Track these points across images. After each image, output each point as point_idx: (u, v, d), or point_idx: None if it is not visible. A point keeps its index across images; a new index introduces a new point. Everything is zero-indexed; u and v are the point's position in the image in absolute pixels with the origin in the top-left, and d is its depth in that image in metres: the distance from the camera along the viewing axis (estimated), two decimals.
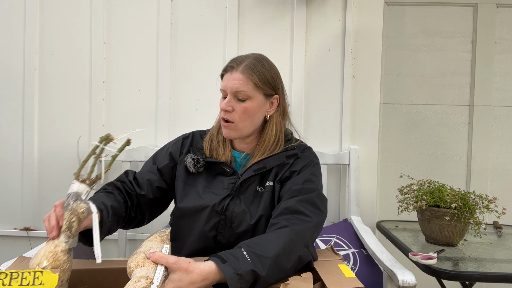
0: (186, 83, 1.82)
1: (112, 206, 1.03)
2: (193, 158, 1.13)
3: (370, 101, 1.80)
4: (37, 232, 1.82)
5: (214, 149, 1.15)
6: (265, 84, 1.09)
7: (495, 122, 2.00)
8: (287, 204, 1.01)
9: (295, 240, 0.93)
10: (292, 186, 1.06)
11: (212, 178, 1.13)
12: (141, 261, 0.82)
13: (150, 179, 1.15)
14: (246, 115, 1.09)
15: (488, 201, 1.36)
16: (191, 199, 1.11)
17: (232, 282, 0.81)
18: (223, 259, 0.84)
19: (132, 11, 1.81)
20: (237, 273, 0.82)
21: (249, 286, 0.84)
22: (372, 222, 1.79)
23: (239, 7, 1.79)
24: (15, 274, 0.73)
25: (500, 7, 1.98)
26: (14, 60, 1.82)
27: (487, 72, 1.98)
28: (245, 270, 0.83)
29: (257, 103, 1.09)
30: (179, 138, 1.24)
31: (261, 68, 1.09)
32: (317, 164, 1.16)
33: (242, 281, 0.82)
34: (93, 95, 1.81)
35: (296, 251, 0.93)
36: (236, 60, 1.11)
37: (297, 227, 0.96)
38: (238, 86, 1.07)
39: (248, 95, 1.07)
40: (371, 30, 1.80)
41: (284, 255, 0.90)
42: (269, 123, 1.14)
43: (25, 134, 1.82)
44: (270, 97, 1.12)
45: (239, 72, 1.07)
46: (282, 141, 1.15)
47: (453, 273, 1.16)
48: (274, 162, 1.10)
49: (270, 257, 0.87)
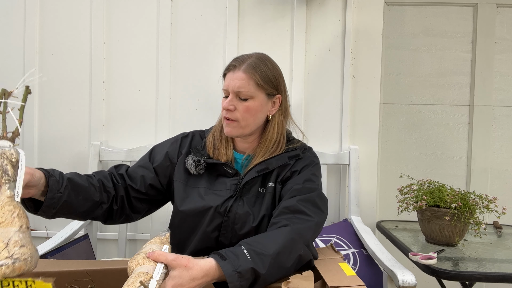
0: (186, 83, 1.82)
1: (72, 179, 0.99)
2: (194, 159, 1.12)
3: (370, 101, 1.80)
4: (37, 232, 1.82)
5: (217, 147, 1.14)
6: (267, 83, 1.09)
7: (495, 122, 2.00)
8: (288, 203, 1.01)
9: (296, 239, 0.93)
10: (293, 186, 1.06)
11: (214, 179, 1.13)
12: (141, 260, 0.82)
13: (144, 175, 1.14)
14: (248, 114, 1.08)
15: (488, 201, 1.36)
16: (192, 201, 1.10)
17: (231, 279, 0.81)
18: (223, 257, 0.84)
19: (132, 11, 1.81)
20: (236, 271, 0.82)
21: (249, 284, 0.84)
22: (372, 222, 1.79)
23: (239, 7, 1.79)
24: (5, 282, 0.71)
25: (500, 7, 1.98)
26: (14, 60, 1.82)
27: (487, 72, 1.98)
28: (245, 268, 0.83)
29: (259, 102, 1.09)
30: (178, 137, 1.22)
31: (263, 67, 1.09)
32: (318, 164, 1.16)
33: (241, 279, 0.82)
34: (93, 95, 1.81)
35: (297, 249, 0.93)
36: (239, 59, 1.11)
37: (298, 226, 0.96)
38: (240, 85, 1.07)
39: (250, 95, 1.07)
40: (371, 30, 1.80)
41: (284, 253, 0.90)
42: (271, 123, 1.14)
43: (25, 133, 1.82)
44: (272, 96, 1.13)
45: (241, 71, 1.07)
46: (284, 141, 1.15)
47: (453, 273, 1.16)
48: (277, 163, 1.10)
49: (270, 255, 0.87)
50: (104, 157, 1.75)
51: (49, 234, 1.77)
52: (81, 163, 1.80)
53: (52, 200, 0.93)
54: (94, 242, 1.70)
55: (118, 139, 1.82)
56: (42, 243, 1.35)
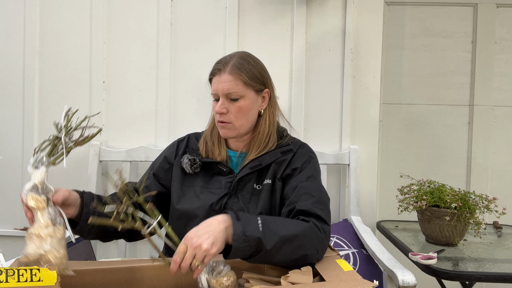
0: (186, 83, 1.82)
1: (100, 197, 1.04)
2: (190, 158, 1.15)
3: (370, 101, 1.80)
4: None
5: (210, 150, 1.16)
6: (254, 80, 1.11)
7: (495, 122, 2.00)
8: (304, 206, 1.00)
9: (310, 236, 0.93)
10: (298, 184, 1.07)
11: (209, 178, 1.14)
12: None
13: (147, 185, 1.17)
14: (241, 114, 1.10)
15: (488, 201, 1.36)
16: (188, 200, 1.12)
17: (236, 238, 0.83)
18: (237, 216, 0.87)
19: (132, 11, 1.81)
20: (244, 234, 0.84)
21: (250, 252, 0.86)
22: (372, 222, 1.79)
23: (239, 7, 1.79)
24: (10, 271, 0.73)
25: (500, 7, 1.98)
26: (14, 60, 1.82)
27: (487, 72, 1.98)
28: (253, 235, 0.85)
29: (250, 100, 1.11)
30: (175, 142, 1.25)
31: (247, 66, 1.11)
32: (315, 158, 1.17)
33: (246, 243, 0.84)
34: (93, 95, 1.81)
35: (306, 247, 0.92)
36: (222, 62, 1.12)
37: (316, 231, 0.95)
38: (229, 87, 1.08)
39: (240, 94, 1.09)
40: (371, 30, 1.80)
41: (292, 243, 0.89)
42: (262, 117, 1.16)
43: (25, 134, 1.82)
44: (260, 92, 1.15)
45: (227, 73, 1.09)
46: (275, 130, 1.16)
47: (453, 273, 1.16)
48: (270, 158, 1.12)
49: (280, 236, 0.88)
50: (104, 157, 1.75)
51: None
52: (81, 163, 1.80)
53: (87, 215, 0.96)
54: (94, 242, 1.70)
55: (118, 139, 1.82)
56: None
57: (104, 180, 1.81)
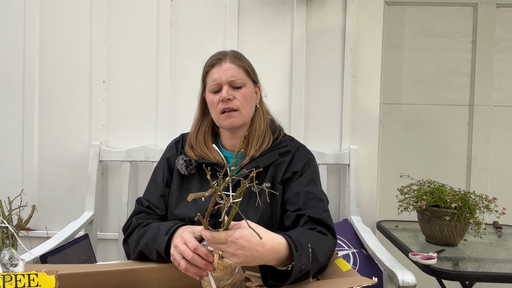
0: (186, 83, 1.81)
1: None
2: (185, 159, 1.13)
3: (370, 101, 1.80)
4: (37, 232, 1.82)
5: (199, 154, 1.14)
6: (252, 71, 1.16)
7: (495, 122, 2.00)
8: (315, 215, 1.01)
9: (331, 255, 0.97)
10: (301, 189, 1.06)
11: (206, 179, 1.12)
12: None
13: (163, 195, 1.15)
14: (246, 101, 1.11)
15: (488, 201, 1.36)
16: (185, 205, 1.10)
17: (294, 271, 0.81)
18: (295, 246, 0.83)
19: (132, 11, 1.81)
20: (300, 268, 0.82)
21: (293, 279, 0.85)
22: (372, 222, 1.79)
23: (239, 7, 1.79)
24: (7, 277, 0.72)
25: (500, 7, 1.98)
26: (14, 60, 1.82)
27: (487, 72, 1.98)
28: (306, 268, 0.84)
29: (251, 89, 1.14)
30: (171, 144, 1.24)
31: (244, 58, 1.16)
32: (314, 161, 1.18)
33: (299, 275, 0.83)
34: (93, 95, 1.81)
35: (327, 264, 0.97)
36: (220, 54, 1.15)
37: (334, 248, 0.99)
38: (233, 74, 1.10)
39: (243, 82, 1.11)
40: (371, 30, 1.80)
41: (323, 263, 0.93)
42: (257, 112, 1.18)
43: (25, 134, 1.82)
44: (256, 85, 1.18)
45: (228, 62, 1.12)
46: (267, 126, 1.17)
47: (453, 273, 1.16)
48: (268, 160, 1.11)
49: (321, 264, 0.90)
50: (104, 157, 1.75)
51: (49, 234, 1.77)
52: (81, 163, 1.80)
53: None
54: (94, 242, 1.70)
55: (118, 139, 1.82)
56: (42, 243, 1.35)
57: (104, 180, 1.81)
